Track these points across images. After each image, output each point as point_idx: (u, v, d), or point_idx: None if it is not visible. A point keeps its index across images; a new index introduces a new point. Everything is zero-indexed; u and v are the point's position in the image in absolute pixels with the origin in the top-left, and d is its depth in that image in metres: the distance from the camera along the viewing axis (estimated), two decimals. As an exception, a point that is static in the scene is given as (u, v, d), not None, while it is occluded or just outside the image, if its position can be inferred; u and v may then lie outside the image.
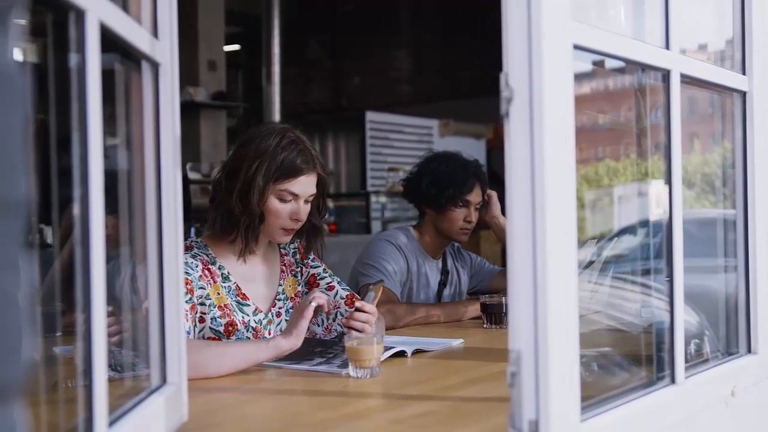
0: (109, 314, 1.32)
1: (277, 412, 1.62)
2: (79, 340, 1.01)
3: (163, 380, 1.35)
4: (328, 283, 2.37)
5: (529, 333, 1.15)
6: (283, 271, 2.34)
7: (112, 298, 1.14)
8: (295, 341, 1.92)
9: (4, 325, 0.54)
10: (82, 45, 0.97)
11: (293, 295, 2.33)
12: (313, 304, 1.95)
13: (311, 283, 2.37)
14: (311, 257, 2.41)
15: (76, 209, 0.99)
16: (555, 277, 1.15)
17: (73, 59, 1.00)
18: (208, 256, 2.19)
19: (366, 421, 1.53)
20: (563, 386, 1.17)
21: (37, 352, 0.61)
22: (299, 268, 2.39)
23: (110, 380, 1.05)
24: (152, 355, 1.34)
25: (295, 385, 1.78)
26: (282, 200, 2.17)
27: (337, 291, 2.35)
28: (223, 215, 2.17)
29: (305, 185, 2.19)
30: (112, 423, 1.08)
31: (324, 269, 2.41)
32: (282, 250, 2.37)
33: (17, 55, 0.56)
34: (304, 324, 1.93)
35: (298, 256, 2.39)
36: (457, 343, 2.33)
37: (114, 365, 1.28)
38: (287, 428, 1.50)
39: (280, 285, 2.31)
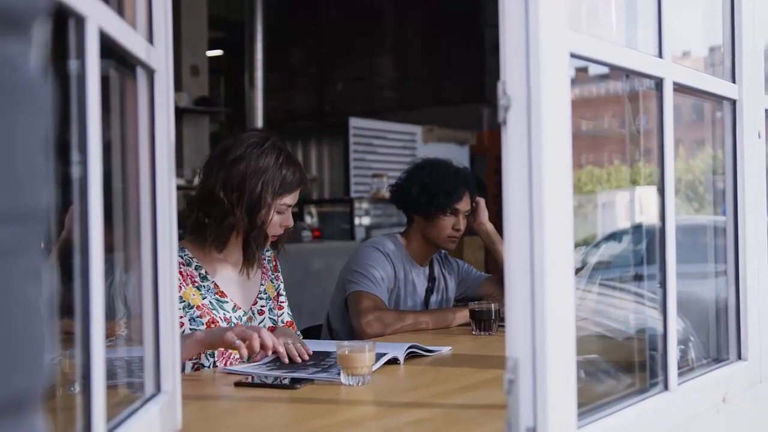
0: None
1: (271, 421, 1.62)
2: (76, 347, 1.00)
3: (158, 389, 1.34)
4: (281, 302, 2.47)
5: (526, 340, 1.15)
6: (264, 273, 2.42)
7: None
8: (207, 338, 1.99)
9: (29, 335, 0.54)
10: (82, 51, 0.97)
11: (274, 296, 2.44)
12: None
13: (274, 297, 2.45)
14: (279, 271, 2.51)
15: (75, 216, 0.98)
16: (552, 284, 1.15)
17: (71, 65, 0.99)
18: (182, 257, 2.21)
19: (361, 429, 1.53)
20: (561, 393, 1.17)
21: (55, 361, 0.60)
22: (275, 275, 2.48)
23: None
24: (146, 363, 1.33)
25: (288, 394, 1.78)
26: (279, 213, 2.27)
27: (284, 313, 2.45)
28: (227, 230, 2.23)
29: (297, 196, 2.32)
30: (108, 432, 1.07)
31: (283, 287, 2.51)
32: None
33: (39, 64, 0.56)
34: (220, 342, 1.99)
35: (272, 265, 2.49)
36: (446, 350, 2.33)
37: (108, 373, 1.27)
38: (281, 436, 1.49)
39: (262, 285, 2.40)
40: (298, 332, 2.46)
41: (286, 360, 2.02)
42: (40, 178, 0.55)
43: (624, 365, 1.72)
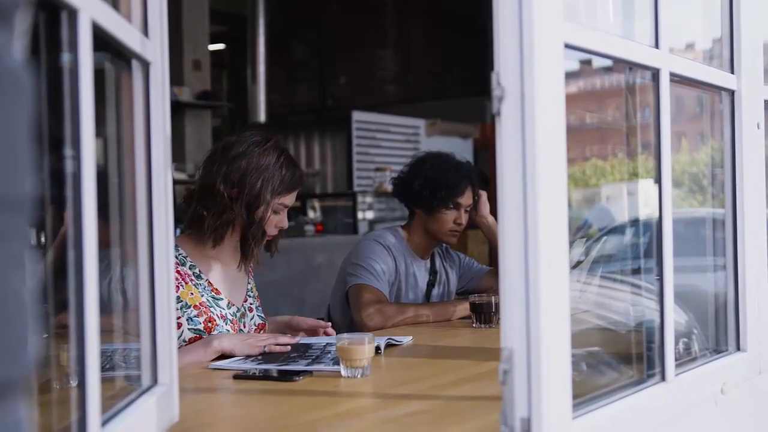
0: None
1: (269, 413, 1.62)
2: (71, 341, 1.00)
3: (155, 381, 1.34)
4: (257, 306, 2.47)
5: (521, 331, 1.15)
6: (250, 273, 2.46)
7: (100, 299, 1.13)
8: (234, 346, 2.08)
9: (12, 323, 0.54)
10: (75, 44, 0.97)
11: (257, 296, 2.48)
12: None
13: (257, 296, 2.49)
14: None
15: (69, 211, 0.98)
16: (547, 275, 1.15)
17: (64, 58, 0.99)
18: (177, 257, 2.22)
19: (358, 421, 1.53)
20: (555, 384, 1.17)
21: (40, 349, 0.61)
22: (254, 275, 2.52)
23: (102, 380, 1.04)
24: (143, 355, 1.34)
25: (286, 386, 1.78)
26: (275, 212, 2.29)
27: (254, 315, 2.44)
28: (224, 224, 2.24)
29: (294, 197, 2.34)
30: (104, 423, 1.07)
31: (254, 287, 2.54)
32: None
33: (21, 54, 0.56)
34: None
35: (252, 266, 2.51)
36: (407, 340, 2.33)
37: (104, 366, 1.28)
38: (278, 428, 1.49)
39: (249, 283, 2.44)
40: None
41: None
42: (22, 168, 0.55)
43: (623, 357, 1.72)
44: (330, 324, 2.45)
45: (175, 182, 6.32)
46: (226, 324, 2.25)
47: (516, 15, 1.14)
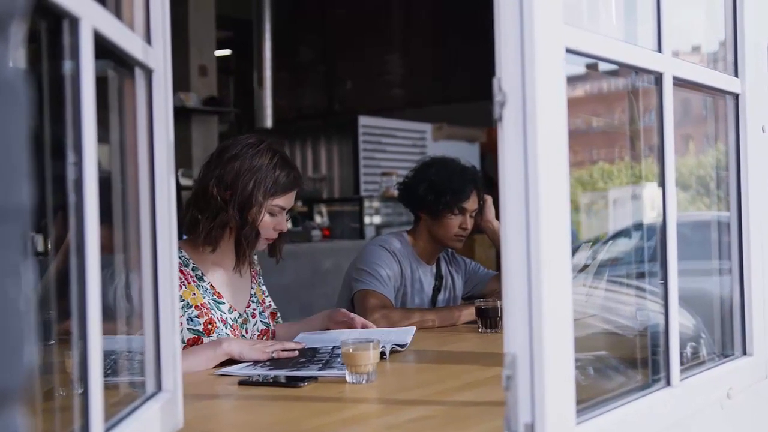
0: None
1: (274, 419, 1.62)
2: (73, 348, 1.01)
3: (159, 387, 1.35)
4: (260, 311, 2.45)
5: (524, 336, 1.15)
6: (253, 277, 2.46)
7: (106, 306, 1.14)
8: (244, 352, 2.07)
9: (7, 331, 0.54)
10: (76, 52, 0.97)
11: (261, 300, 2.46)
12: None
13: (262, 301, 2.48)
14: (261, 276, 2.53)
15: (71, 217, 0.98)
16: (549, 280, 1.15)
17: (66, 66, 0.99)
18: (180, 258, 2.24)
19: (363, 426, 1.53)
20: (558, 389, 1.17)
21: (37, 358, 0.61)
22: (261, 279, 2.52)
23: (105, 387, 1.05)
24: (147, 362, 1.34)
25: (291, 392, 1.78)
26: (271, 214, 2.28)
27: (257, 321, 2.43)
28: (218, 227, 2.25)
29: (292, 199, 2.33)
30: (107, 430, 1.07)
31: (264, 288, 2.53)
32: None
33: (18, 62, 0.57)
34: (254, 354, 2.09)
35: (258, 269, 2.52)
36: (410, 333, 2.34)
37: (107, 371, 1.28)
38: (283, 434, 1.50)
39: (252, 288, 2.43)
40: (278, 319, 2.53)
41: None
42: (18, 177, 0.55)
43: (629, 361, 1.72)
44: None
45: (183, 188, 6.33)
46: (225, 328, 2.25)
47: (517, 20, 1.14)
